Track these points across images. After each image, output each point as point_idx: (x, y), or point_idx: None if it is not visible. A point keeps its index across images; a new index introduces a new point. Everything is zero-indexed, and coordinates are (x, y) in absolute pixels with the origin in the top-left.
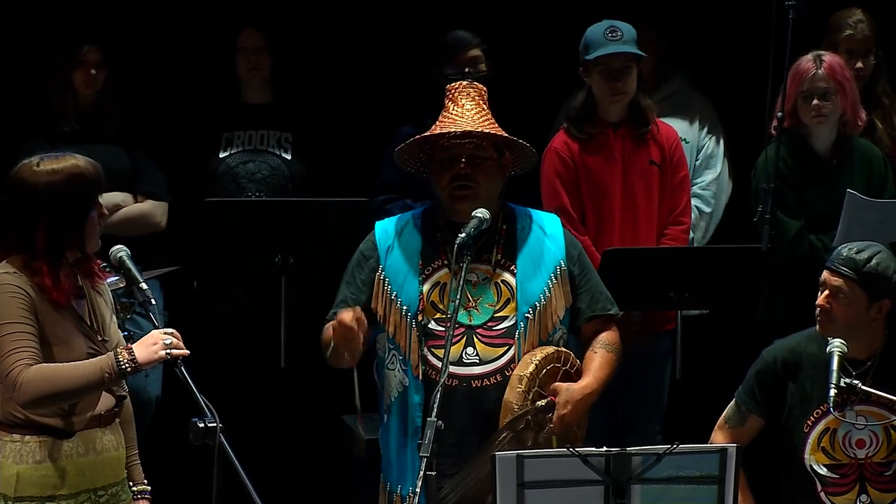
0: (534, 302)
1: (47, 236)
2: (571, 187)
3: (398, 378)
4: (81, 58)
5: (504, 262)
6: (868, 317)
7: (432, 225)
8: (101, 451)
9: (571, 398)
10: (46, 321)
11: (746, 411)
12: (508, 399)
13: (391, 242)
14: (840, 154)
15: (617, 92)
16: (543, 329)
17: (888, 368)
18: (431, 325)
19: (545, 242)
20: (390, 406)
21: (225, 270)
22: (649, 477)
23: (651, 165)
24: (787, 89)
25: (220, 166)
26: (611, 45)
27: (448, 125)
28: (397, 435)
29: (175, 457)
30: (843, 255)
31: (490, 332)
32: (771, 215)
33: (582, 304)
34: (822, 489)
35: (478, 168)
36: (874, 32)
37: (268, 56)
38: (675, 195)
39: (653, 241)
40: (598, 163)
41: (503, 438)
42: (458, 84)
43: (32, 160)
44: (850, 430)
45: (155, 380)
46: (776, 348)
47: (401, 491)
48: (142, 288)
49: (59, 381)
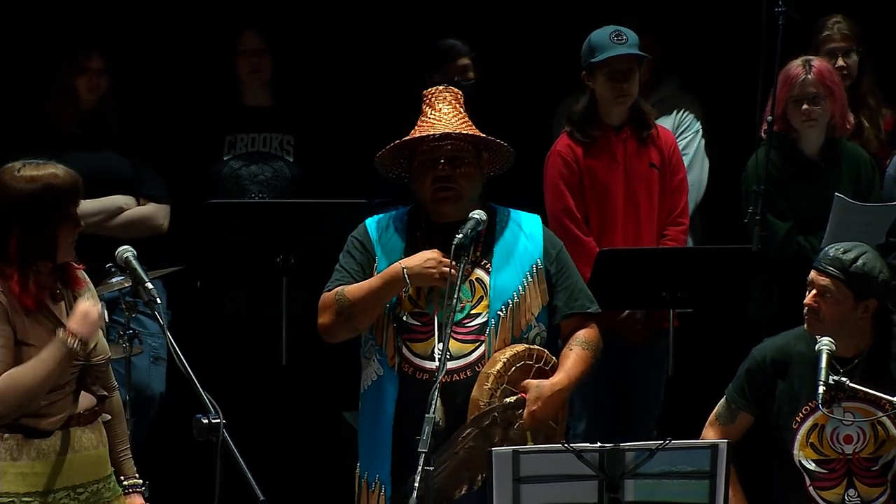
0: (506, 299)
1: (18, 244)
2: (575, 189)
3: (374, 367)
4: (85, 64)
5: (481, 261)
6: (855, 316)
7: (415, 225)
8: (80, 450)
9: (542, 395)
10: (20, 326)
11: (737, 408)
12: (475, 396)
13: (378, 238)
14: (829, 157)
15: (622, 94)
16: (516, 326)
17: (875, 366)
18: (407, 318)
19: (522, 241)
20: (365, 394)
21: (226, 271)
22: (642, 472)
23: (651, 168)
24: (777, 94)
25: (223, 168)
26: (617, 47)
27: (426, 129)
28: (368, 422)
29: (179, 452)
30: (831, 255)
31: (463, 329)
32: (761, 217)
33: (559, 302)
34: (810, 484)
35: (458, 169)
36: (853, 32)
37: (268, 59)
38: (674, 197)
39: (653, 242)
40: (600, 165)
41: (467, 434)
42: (435, 89)
43: (15, 165)
44: (837, 426)
45: (158, 377)
46: (766, 347)
47: (368, 477)
48: (147, 287)
49: (23, 379)
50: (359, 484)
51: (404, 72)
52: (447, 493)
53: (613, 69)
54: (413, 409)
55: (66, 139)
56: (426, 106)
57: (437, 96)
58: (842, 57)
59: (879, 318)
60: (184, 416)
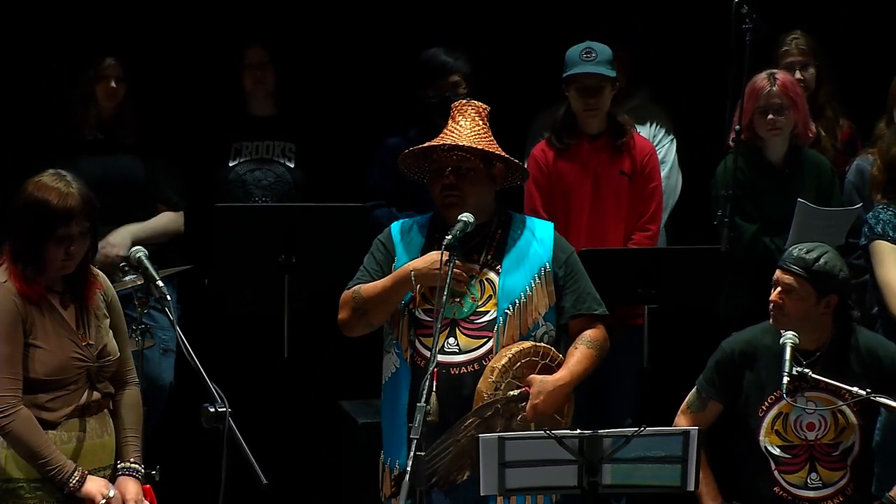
0: (514, 299)
1: (13, 246)
2: (545, 192)
3: (392, 360)
4: (104, 72)
5: (492, 263)
6: (817, 311)
7: (434, 227)
8: (85, 438)
9: (544, 389)
10: (30, 326)
11: (707, 398)
12: (480, 388)
13: (400, 239)
14: (792, 164)
15: (589, 108)
16: (523, 325)
17: (835, 358)
18: (420, 315)
19: (534, 246)
20: (385, 385)
21: (234, 269)
22: (619, 457)
23: (622, 176)
24: (745, 105)
25: (229, 174)
26: (585, 65)
27: (438, 140)
28: (388, 412)
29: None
30: (794, 255)
31: (472, 325)
32: (730, 219)
33: (566, 304)
34: (775, 468)
35: (463, 178)
36: (810, 47)
37: (272, 71)
38: (645, 204)
39: (619, 245)
40: (570, 170)
41: (470, 423)
42: (460, 102)
43: (45, 173)
44: (801, 414)
45: (168, 367)
46: (734, 340)
47: (390, 463)
48: (158, 285)
49: (26, 448)
50: (382, 469)
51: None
52: (449, 477)
53: (583, 84)
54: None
55: (85, 144)
56: (450, 118)
57: (459, 110)
58: (799, 70)
59: (840, 313)
60: (193, 405)
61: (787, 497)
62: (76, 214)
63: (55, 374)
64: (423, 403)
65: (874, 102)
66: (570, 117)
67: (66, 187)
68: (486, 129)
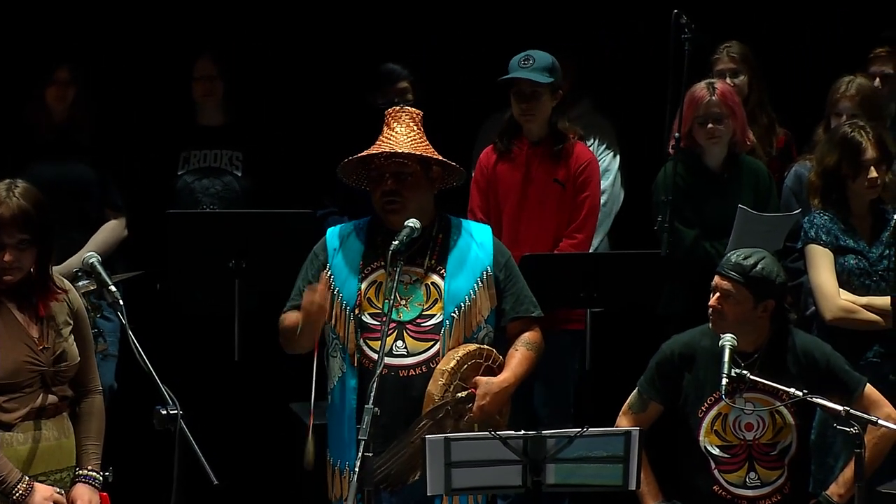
0: (459, 302)
1: None
2: (483, 193)
3: (338, 364)
4: (53, 76)
5: (436, 267)
6: (755, 315)
7: (374, 231)
8: (41, 440)
9: (490, 390)
10: None
11: (647, 398)
12: (430, 391)
13: (339, 245)
14: (730, 170)
15: (523, 113)
16: (468, 327)
17: (773, 359)
18: (367, 318)
19: (474, 249)
20: (332, 390)
21: (186, 273)
22: (562, 457)
23: (554, 183)
24: (684, 113)
25: (178, 182)
26: (520, 70)
27: (378, 147)
28: (336, 415)
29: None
30: (732, 261)
31: (419, 328)
32: (669, 225)
33: (506, 306)
34: (715, 468)
35: (403, 183)
36: (742, 56)
37: (220, 83)
38: (575, 213)
39: (544, 250)
40: (507, 174)
41: (423, 426)
42: (393, 109)
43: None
44: (739, 414)
45: (108, 372)
46: (674, 342)
47: (339, 465)
48: (111, 290)
49: None
50: (331, 471)
51: (347, 93)
52: (403, 477)
53: (519, 90)
54: (375, 403)
55: (38, 148)
56: (385, 125)
57: (393, 116)
58: (730, 77)
59: (777, 316)
60: (143, 408)
61: (727, 496)
62: (5, 226)
63: (8, 378)
64: (371, 405)
65: (813, 109)
66: (515, 122)
67: (5, 198)
68: (421, 133)
